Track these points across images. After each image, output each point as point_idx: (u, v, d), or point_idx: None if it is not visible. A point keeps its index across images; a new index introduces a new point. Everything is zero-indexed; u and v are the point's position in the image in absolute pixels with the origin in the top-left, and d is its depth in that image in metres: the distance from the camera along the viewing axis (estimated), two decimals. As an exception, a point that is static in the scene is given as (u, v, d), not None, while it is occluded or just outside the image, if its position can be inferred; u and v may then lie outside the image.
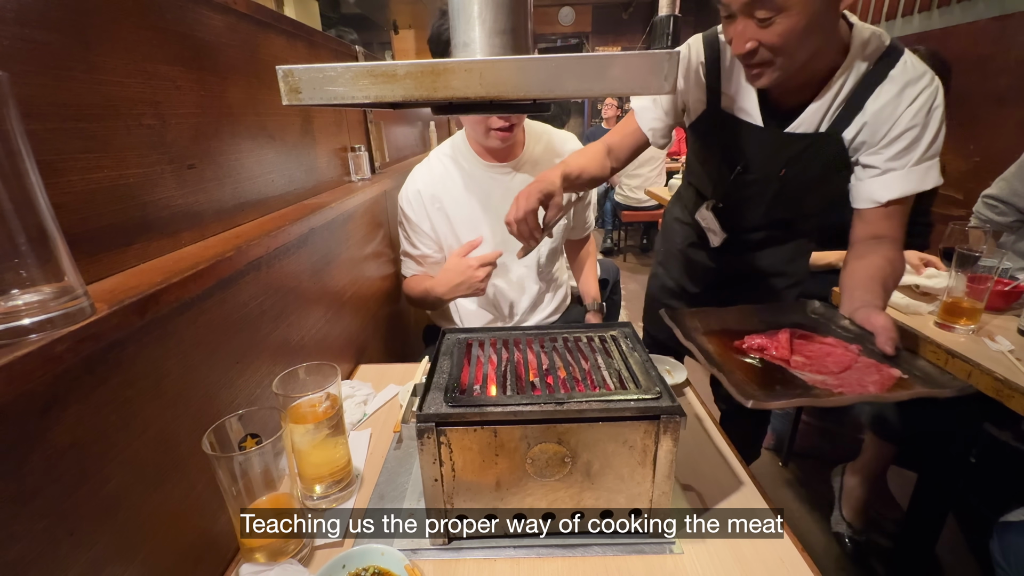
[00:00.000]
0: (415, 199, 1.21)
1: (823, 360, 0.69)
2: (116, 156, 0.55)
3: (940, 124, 0.83)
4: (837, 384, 0.64)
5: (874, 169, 0.87)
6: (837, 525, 1.50)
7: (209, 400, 0.65)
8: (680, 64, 0.99)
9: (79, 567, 0.44)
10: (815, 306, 0.85)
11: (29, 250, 0.39)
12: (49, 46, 0.48)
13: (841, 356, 0.70)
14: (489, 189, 1.19)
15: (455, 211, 1.20)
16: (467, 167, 1.20)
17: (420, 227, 1.23)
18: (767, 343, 0.72)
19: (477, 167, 1.19)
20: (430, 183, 1.21)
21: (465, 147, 1.20)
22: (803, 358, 0.69)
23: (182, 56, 0.66)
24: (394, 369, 1.15)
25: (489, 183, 1.19)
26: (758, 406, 0.59)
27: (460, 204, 1.20)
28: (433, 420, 0.60)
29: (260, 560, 0.61)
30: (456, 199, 1.20)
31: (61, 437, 0.43)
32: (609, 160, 1.06)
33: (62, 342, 0.40)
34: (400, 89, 0.45)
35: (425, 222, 1.22)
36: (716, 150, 1.06)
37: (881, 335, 0.72)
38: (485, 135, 1.11)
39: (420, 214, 1.22)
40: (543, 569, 0.63)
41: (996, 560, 0.94)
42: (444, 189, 1.20)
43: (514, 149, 1.20)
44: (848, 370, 0.67)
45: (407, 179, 1.26)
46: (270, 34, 0.90)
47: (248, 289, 0.74)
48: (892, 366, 0.69)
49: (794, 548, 0.65)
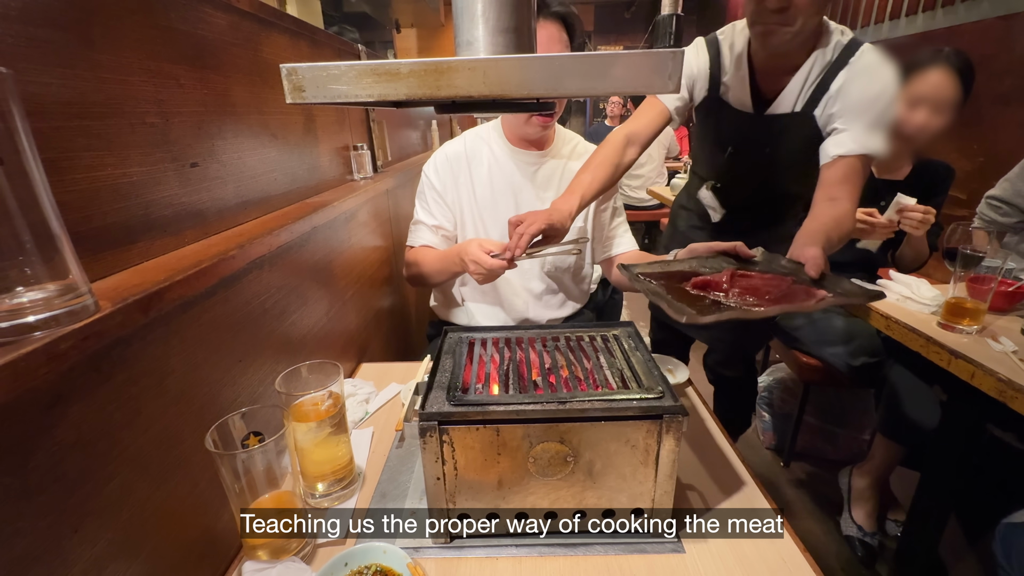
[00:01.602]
0: (443, 167, 1.19)
1: (759, 290, 0.73)
2: (120, 154, 0.55)
3: (888, 103, 0.99)
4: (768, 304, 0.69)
5: (832, 132, 1.04)
6: (848, 528, 1.49)
7: (212, 398, 0.65)
8: (691, 57, 1.15)
9: (83, 564, 0.45)
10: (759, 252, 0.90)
11: (34, 248, 0.39)
12: (53, 44, 0.48)
13: (775, 285, 0.74)
14: (513, 174, 1.18)
15: (480, 189, 1.19)
16: (496, 150, 1.19)
17: (443, 196, 1.20)
18: (710, 280, 0.76)
19: (505, 151, 1.19)
20: (462, 155, 1.20)
21: (497, 132, 1.20)
22: (740, 289, 0.74)
23: (185, 54, 0.66)
24: (396, 368, 1.15)
25: (514, 169, 1.18)
26: (692, 320, 0.64)
27: (484, 184, 1.19)
28: (436, 419, 0.60)
29: (262, 558, 0.61)
30: (482, 178, 1.19)
31: (66, 434, 0.43)
32: (629, 150, 1.12)
33: (66, 340, 0.40)
34: (404, 88, 0.45)
35: (450, 192, 1.19)
36: (712, 133, 1.25)
37: (809, 263, 0.79)
38: (525, 121, 1.11)
39: (446, 182, 1.19)
40: (545, 568, 0.63)
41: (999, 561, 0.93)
42: (473, 165, 1.19)
43: (545, 140, 1.20)
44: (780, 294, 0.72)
45: (436, 151, 1.24)
46: (273, 32, 0.90)
47: (251, 287, 0.75)
48: (819, 288, 0.72)
49: (796, 548, 0.65)
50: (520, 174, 1.19)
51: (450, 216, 1.22)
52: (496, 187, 1.18)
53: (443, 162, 1.20)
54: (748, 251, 0.89)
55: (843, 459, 1.74)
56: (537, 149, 1.19)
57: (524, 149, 1.19)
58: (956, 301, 1.09)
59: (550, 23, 1.04)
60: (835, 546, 1.52)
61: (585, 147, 1.26)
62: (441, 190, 1.20)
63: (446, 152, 1.21)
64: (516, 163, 1.19)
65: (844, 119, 1.01)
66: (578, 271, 1.28)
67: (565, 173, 1.20)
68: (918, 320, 1.16)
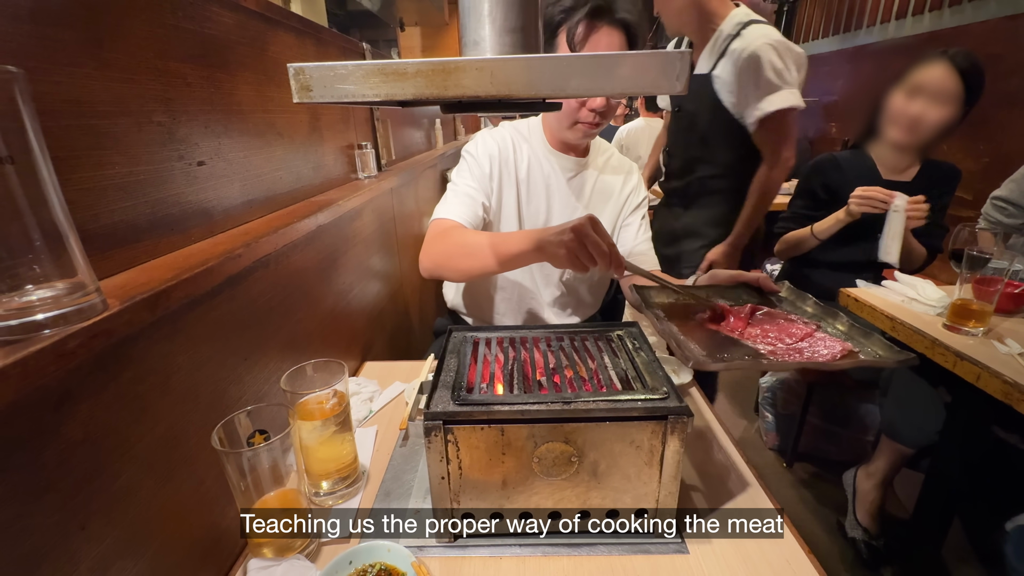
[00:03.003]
0: (492, 148, 1.12)
1: (779, 333, 0.70)
2: (127, 153, 0.55)
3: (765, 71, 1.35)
4: (787, 352, 0.65)
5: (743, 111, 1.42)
6: (853, 530, 1.48)
7: (218, 396, 0.65)
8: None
9: (90, 561, 0.45)
10: (783, 287, 0.86)
11: (43, 246, 0.39)
12: (63, 43, 0.48)
13: (798, 330, 0.70)
14: (549, 177, 1.15)
15: (521, 183, 1.14)
16: (537, 149, 1.16)
17: (489, 177, 1.11)
18: (728, 312, 0.74)
19: (545, 152, 1.16)
20: (508, 144, 1.14)
21: (539, 132, 1.17)
22: (759, 330, 0.70)
23: (192, 53, 0.67)
24: (399, 366, 1.15)
25: (551, 172, 1.16)
26: (699, 367, 0.62)
27: (524, 179, 1.15)
28: (441, 418, 0.60)
29: (267, 555, 0.62)
30: (523, 173, 1.14)
31: (74, 432, 0.44)
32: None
33: (75, 338, 0.40)
34: (411, 87, 0.45)
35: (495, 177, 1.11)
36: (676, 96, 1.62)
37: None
38: (570, 126, 1.07)
39: (493, 164, 1.11)
40: (549, 568, 0.63)
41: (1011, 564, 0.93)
42: (517, 157, 1.15)
43: (585, 148, 1.17)
44: (801, 342, 0.68)
45: (480, 133, 1.19)
46: (279, 31, 0.90)
47: (256, 286, 0.75)
48: (846, 340, 0.68)
49: (800, 549, 0.65)
50: (556, 178, 1.16)
51: (490, 200, 1.11)
52: (533, 185, 1.15)
53: (492, 145, 1.12)
54: (772, 285, 0.85)
55: (847, 460, 1.73)
56: (576, 155, 1.16)
57: (564, 153, 1.16)
58: (962, 303, 1.09)
59: (613, 31, 0.95)
60: (839, 548, 1.51)
61: (619, 160, 1.23)
62: (488, 172, 1.10)
63: (494, 136, 1.15)
64: (554, 166, 1.15)
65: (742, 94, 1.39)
66: (596, 283, 1.26)
67: (597, 184, 1.17)
68: (924, 322, 1.16)
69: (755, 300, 0.83)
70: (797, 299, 0.83)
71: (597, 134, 1.11)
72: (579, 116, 1.04)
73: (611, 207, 1.18)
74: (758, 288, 0.86)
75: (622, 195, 1.18)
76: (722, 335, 0.71)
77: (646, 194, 1.21)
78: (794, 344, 0.67)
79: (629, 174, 1.21)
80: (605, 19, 0.94)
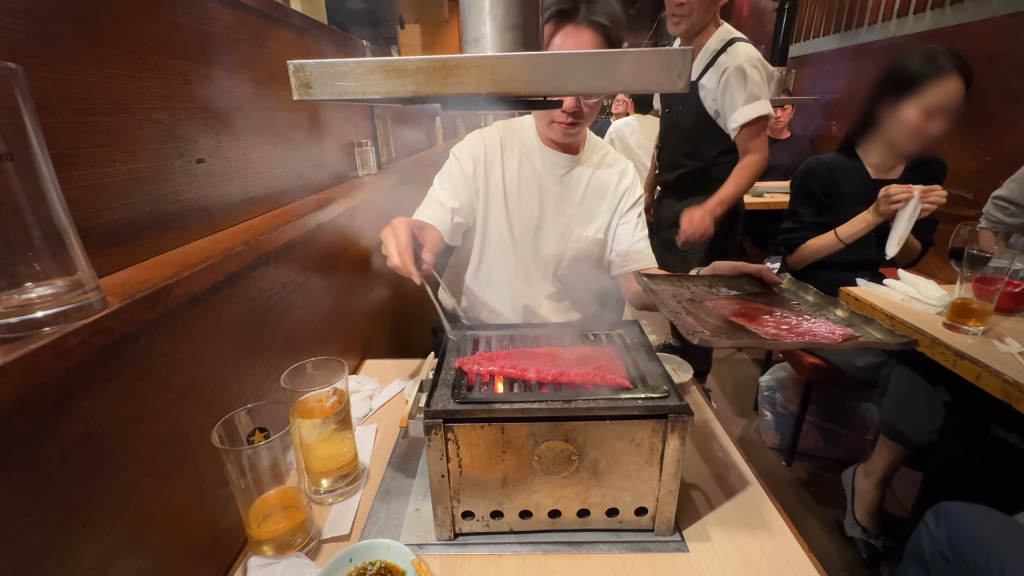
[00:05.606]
0: (477, 150, 1.14)
1: (780, 321, 0.70)
2: (127, 150, 0.55)
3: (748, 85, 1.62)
4: (789, 336, 0.65)
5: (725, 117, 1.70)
6: (852, 529, 1.49)
7: (218, 394, 0.65)
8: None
9: (91, 558, 0.45)
10: (785, 279, 0.87)
11: (43, 243, 0.39)
12: (62, 39, 0.48)
13: (801, 319, 0.71)
14: (541, 174, 1.16)
15: (509, 181, 1.15)
16: (528, 146, 1.17)
17: (472, 179, 1.14)
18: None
19: (536, 149, 1.16)
20: (497, 142, 1.16)
21: (531, 129, 1.17)
22: (765, 317, 0.71)
23: (192, 50, 0.66)
24: (399, 365, 1.15)
25: (542, 169, 1.16)
26: (704, 343, 0.62)
27: (514, 176, 1.16)
28: (441, 416, 0.60)
29: (268, 553, 0.62)
30: (512, 170, 1.16)
31: (75, 429, 0.44)
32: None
33: (75, 335, 0.40)
34: (411, 84, 0.45)
35: (480, 177, 1.14)
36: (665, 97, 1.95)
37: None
38: (547, 125, 1.09)
39: (478, 165, 1.14)
40: (549, 566, 0.63)
41: None
42: (506, 155, 1.16)
43: (576, 146, 1.17)
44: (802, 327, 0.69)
45: (470, 134, 1.20)
46: (279, 28, 0.90)
47: (256, 284, 0.75)
48: (847, 327, 0.69)
49: (799, 548, 0.65)
50: (548, 175, 1.16)
51: (472, 202, 1.15)
52: (524, 183, 1.15)
53: (478, 145, 1.15)
54: (773, 276, 0.86)
55: (846, 459, 1.74)
56: (569, 152, 1.16)
57: (554, 150, 1.16)
58: (962, 302, 1.09)
59: (584, 31, 0.94)
60: (838, 546, 1.51)
61: (615, 157, 1.22)
62: (472, 173, 1.14)
63: (482, 136, 1.16)
64: (545, 163, 1.16)
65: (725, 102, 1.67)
66: (592, 280, 1.25)
67: (592, 182, 1.16)
68: (924, 320, 1.16)
69: (757, 291, 0.83)
70: (799, 290, 0.83)
71: (577, 133, 1.11)
72: (553, 116, 1.06)
73: (606, 204, 1.17)
74: (760, 279, 0.87)
75: (617, 192, 1.18)
76: (726, 318, 0.71)
77: (642, 192, 1.21)
78: (796, 329, 0.68)
79: (624, 172, 1.21)
80: (576, 18, 0.94)
